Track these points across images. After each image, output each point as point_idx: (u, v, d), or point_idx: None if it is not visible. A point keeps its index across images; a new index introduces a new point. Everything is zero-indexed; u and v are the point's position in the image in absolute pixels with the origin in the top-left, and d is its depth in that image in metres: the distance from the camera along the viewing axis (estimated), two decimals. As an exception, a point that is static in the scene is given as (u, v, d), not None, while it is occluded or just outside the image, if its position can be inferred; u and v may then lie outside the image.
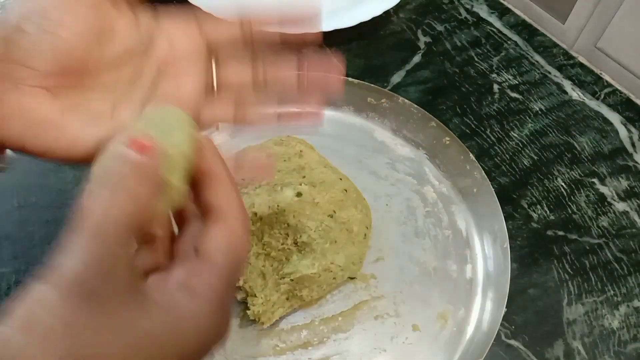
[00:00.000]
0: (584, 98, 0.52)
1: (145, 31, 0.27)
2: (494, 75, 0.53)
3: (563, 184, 0.46)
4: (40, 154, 0.24)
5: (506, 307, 0.37)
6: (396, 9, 0.57)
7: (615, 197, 0.46)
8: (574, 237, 0.43)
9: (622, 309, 0.40)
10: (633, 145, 0.49)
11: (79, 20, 0.24)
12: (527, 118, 0.50)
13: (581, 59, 0.55)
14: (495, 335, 0.36)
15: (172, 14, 0.28)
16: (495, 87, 0.52)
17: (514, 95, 0.52)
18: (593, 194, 0.46)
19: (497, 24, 0.58)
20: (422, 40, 0.56)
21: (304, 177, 0.39)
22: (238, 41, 0.28)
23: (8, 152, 0.25)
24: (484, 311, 0.38)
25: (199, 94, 0.28)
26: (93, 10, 0.25)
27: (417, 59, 0.54)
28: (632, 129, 0.50)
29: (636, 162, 0.48)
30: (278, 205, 0.37)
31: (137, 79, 0.27)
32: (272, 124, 0.30)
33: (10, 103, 0.23)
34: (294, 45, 0.29)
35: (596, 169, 0.47)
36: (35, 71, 0.23)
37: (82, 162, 0.25)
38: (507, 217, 0.41)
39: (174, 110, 0.24)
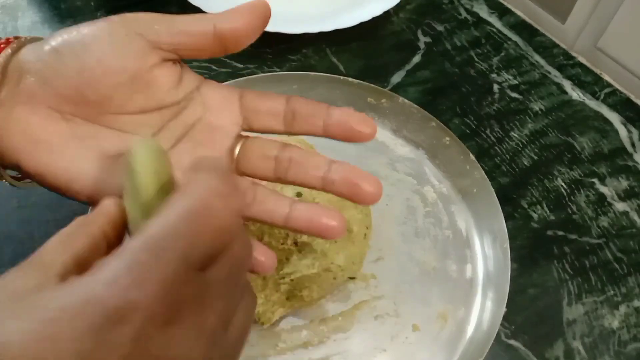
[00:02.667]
0: (584, 98, 0.52)
1: (185, 94, 0.27)
2: (494, 75, 0.53)
3: (563, 184, 0.46)
4: (32, 175, 0.24)
5: (506, 307, 0.37)
6: (396, 9, 0.57)
7: (615, 197, 0.46)
8: (574, 237, 0.43)
9: (622, 309, 0.40)
10: (633, 145, 0.49)
11: (116, 60, 0.24)
12: (527, 118, 0.50)
13: (581, 59, 0.55)
14: (495, 335, 0.36)
15: (216, 85, 0.28)
16: (495, 87, 0.52)
17: (514, 95, 0.52)
18: (593, 194, 0.46)
19: (497, 24, 0.58)
20: (422, 40, 0.56)
21: (304, 177, 0.39)
22: (279, 114, 0.27)
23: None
24: (484, 311, 0.38)
25: None
26: (136, 56, 0.24)
27: (417, 59, 0.54)
28: (632, 129, 0.50)
29: (636, 162, 0.48)
30: (278, 205, 0.37)
31: (158, 133, 0.26)
32: (278, 225, 0.27)
33: (18, 116, 0.23)
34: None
35: (596, 169, 0.47)
36: (55, 92, 0.23)
37: (73, 197, 0.24)
38: (507, 217, 0.41)
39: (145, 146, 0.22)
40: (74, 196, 0.25)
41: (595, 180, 0.47)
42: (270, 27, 0.50)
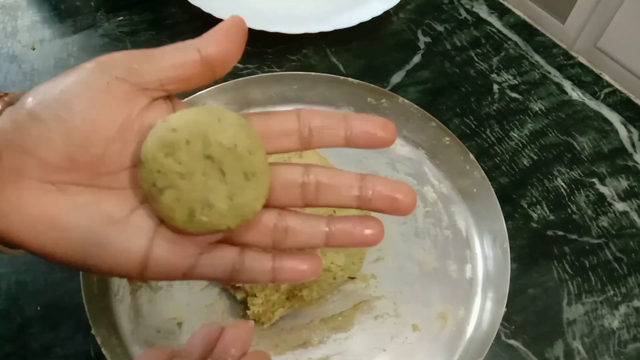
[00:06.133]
0: (584, 98, 0.52)
1: None
2: (494, 75, 0.53)
3: (563, 184, 0.46)
4: (42, 255, 0.22)
5: (506, 307, 0.37)
6: (396, 9, 0.57)
7: (615, 197, 0.46)
8: (573, 237, 0.43)
9: (622, 309, 0.40)
10: (633, 145, 0.49)
11: (102, 113, 0.21)
12: (527, 118, 0.50)
13: (581, 59, 0.55)
14: (495, 335, 0.36)
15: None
16: (495, 87, 0.52)
17: (513, 95, 0.52)
18: (593, 194, 0.46)
19: (497, 24, 0.58)
20: (422, 40, 0.56)
21: (304, 177, 0.39)
22: (292, 133, 0.24)
23: None
24: (483, 311, 0.38)
25: None
26: (122, 104, 0.22)
27: (417, 59, 0.54)
28: (632, 129, 0.50)
29: (636, 162, 0.48)
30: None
31: None
32: (319, 246, 0.25)
33: (10, 196, 0.21)
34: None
35: (596, 169, 0.47)
36: (42, 162, 0.21)
37: (91, 271, 0.22)
38: (507, 217, 0.41)
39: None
40: (92, 270, 0.23)
41: (595, 180, 0.47)
42: (270, 27, 0.50)
